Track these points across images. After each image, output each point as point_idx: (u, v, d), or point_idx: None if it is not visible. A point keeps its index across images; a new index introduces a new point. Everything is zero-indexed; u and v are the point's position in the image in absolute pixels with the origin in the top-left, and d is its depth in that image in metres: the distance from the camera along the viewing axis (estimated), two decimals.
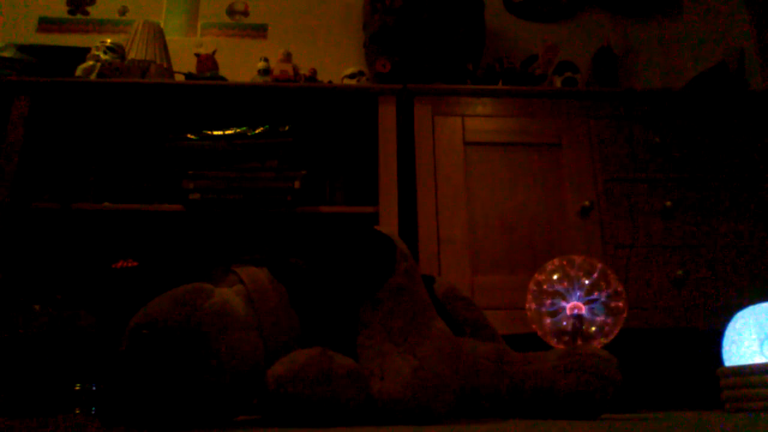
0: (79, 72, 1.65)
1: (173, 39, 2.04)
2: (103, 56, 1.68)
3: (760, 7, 2.00)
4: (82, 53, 1.74)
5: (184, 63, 1.98)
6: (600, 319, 1.00)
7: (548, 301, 1.02)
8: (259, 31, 2.11)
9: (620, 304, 1.01)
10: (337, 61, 2.04)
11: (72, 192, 1.67)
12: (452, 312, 0.89)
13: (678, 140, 1.61)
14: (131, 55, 1.77)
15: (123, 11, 2.10)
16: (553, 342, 1.02)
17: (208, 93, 1.60)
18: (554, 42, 1.91)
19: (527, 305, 1.06)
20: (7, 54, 1.70)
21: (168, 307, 0.60)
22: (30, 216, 1.51)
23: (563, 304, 1.00)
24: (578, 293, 1.00)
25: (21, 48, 1.74)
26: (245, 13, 2.13)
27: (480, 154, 1.59)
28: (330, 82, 1.87)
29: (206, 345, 0.59)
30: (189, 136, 1.57)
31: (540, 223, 1.54)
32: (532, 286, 1.06)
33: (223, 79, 1.77)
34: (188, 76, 1.76)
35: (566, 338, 1.00)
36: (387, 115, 1.59)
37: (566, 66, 1.90)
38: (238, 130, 1.56)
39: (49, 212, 1.50)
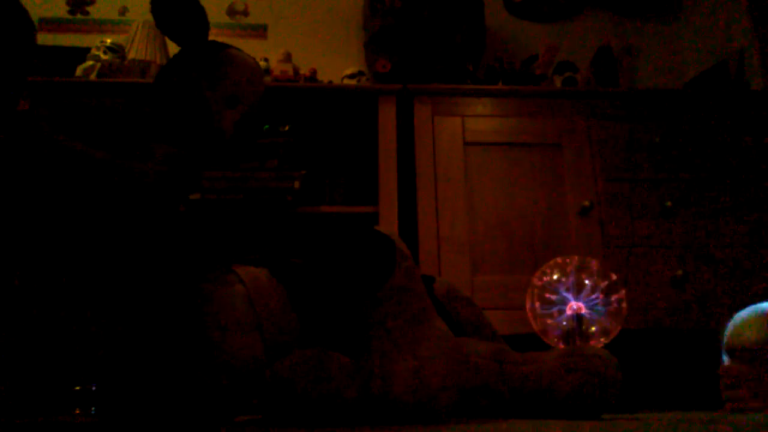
0: (79, 72, 1.65)
1: None
2: (103, 56, 1.68)
3: (760, 8, 2.00)
4: (82, 53, 1.74)
5: None
6: (600, 319, 1.00)
7: (548, 301, 1.02)
8: (259, 31, 2.11)
9: (620, 304, 1.01)
10: (337, 61, 2.03)
11: None
12: (452, 312, 0.89)
13: (678, 140, 1.61)
14: (131, 55, 1.77)
15: (123, 11, 2.10)
16: (553, 342, 1.02)
17: None
18: (554, 42, 1.91)
19: (527, 305, 1.06)
20: None
21: (169, 307, 0.60)
22: None
23: (563, 303, 1.00)
24: (578, 293, 1.00)
25: None
26: (245, 13, 2.13)
27: (480, 154, 1.58)
28: (330, 82, 1.87)
29: (206, 345, 0.59)
30: None
31: (540, 223, 1.54)
32: (532, 286, 1.06)
33: None
34: None
35: (566, 338, 1.00)
36: (387, 115, 1.59)
37: (566, 66, 1.90)
38: None
39: None
